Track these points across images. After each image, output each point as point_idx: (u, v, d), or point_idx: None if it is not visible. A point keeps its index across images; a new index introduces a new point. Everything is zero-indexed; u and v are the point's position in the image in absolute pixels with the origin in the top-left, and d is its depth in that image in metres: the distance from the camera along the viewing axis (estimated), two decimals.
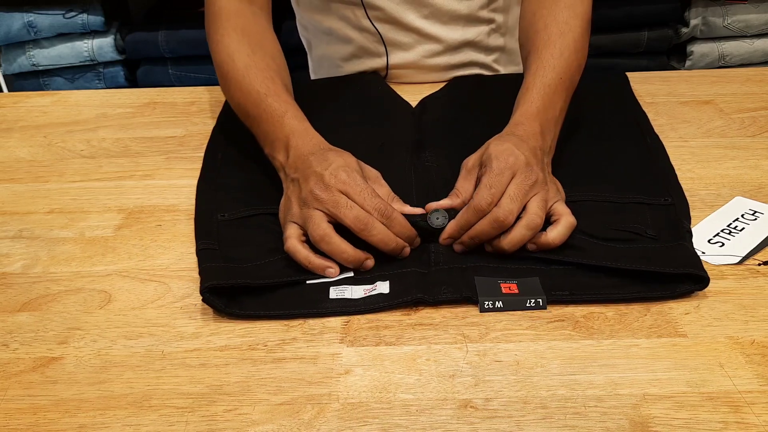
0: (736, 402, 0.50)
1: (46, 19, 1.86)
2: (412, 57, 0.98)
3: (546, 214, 0.63)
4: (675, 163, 0.77)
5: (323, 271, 0.62)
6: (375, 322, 0.59)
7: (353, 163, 0.66)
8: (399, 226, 0.63)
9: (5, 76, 1.97)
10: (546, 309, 0.59)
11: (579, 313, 0.59)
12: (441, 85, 0.97)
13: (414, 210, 0.66)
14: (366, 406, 0.51)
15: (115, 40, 1.91)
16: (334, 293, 0.61)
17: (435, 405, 0.51)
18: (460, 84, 0.97)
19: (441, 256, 0.64)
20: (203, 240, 0.67)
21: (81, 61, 1.93)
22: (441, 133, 0.84)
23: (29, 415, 0.51)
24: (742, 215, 0.70)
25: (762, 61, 1.93)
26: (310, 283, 0.62)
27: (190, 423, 0.50)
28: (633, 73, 0.98)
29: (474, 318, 0.59)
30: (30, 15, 1.86)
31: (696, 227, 0.68)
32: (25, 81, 1.97)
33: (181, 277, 0.65)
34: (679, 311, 0.58)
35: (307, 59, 1.12)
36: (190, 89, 1.03)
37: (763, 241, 0.66)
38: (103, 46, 1.91)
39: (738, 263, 0.64)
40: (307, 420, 0.50)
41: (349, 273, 0.63)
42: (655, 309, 0.59)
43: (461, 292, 0.60)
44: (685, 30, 1.89)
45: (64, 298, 0.63)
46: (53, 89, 1.94)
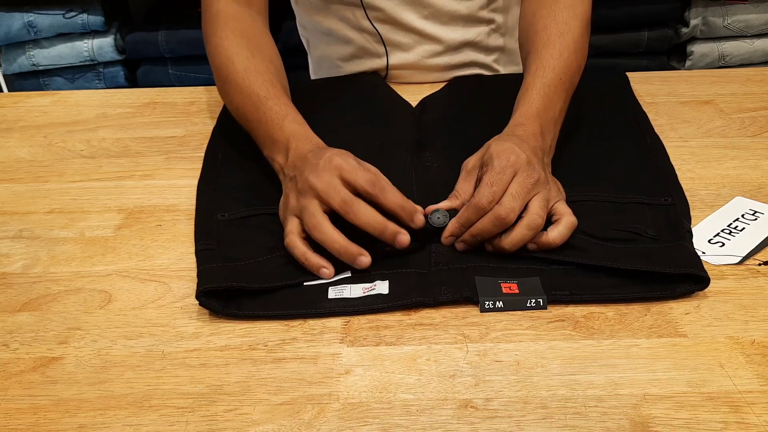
0: (737, 402, 0.50)
1: (46, 19, 1.86)
2: (412, 57, 0.98)
3: (547, 213, 0.63)
4: (675, 163, 0.77)
5: (318, 270, 0.62)
6: (375, 322, 0.59)
7: (350, 154, 0.66)
8: (392, 195, 0.62)
9: (5, 76, 1.97)
10: (546, 309, 0.59)
11: (579, 313, 0.59)
12: (441, 85, 0.97)
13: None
14: (366, 406, 0.51)
15: (115, 40, 1.91)
16: (333, 293, 0.61)
17: (435, 405, 0.51)
18: (460, 84, 0.97)
19: (441, 256, 0.64)
20: (202, 240, 0.67)
21: (81, 61, 1.93)
22: (441, 133, 0.84)
23: (29, 415, 0.51)
24: (743, 215, 0.70)
25: (762, 61, 1.93)
26: (307, 284, 0.62)
27: (190, 423, 0.50)
28: (633, 73, 0.98)
29: (474, 318, 0.59)
30: (30, 15, 1.86)
31: (696, 227, 0.68)
32: (25, 81, 1.98)
33: (181, 277, 0.65)
34: (680, 311, 0.58)
35: (307, 59, 1.13)
36: (190, 89, 1.02)
37: (763, 241, 0.66)
38: (103, 46, 1.91)
39: (738, 263, 0.64)
40: (307, 420, 0.50)
41: (347, 273, 0.63)
42: (655, 309, 0.59)
43: (461, 293, 0.60)
44: (685, 30, 1.89)
45: (64, 298, 0.63)
46: (53, 89, 1.94)
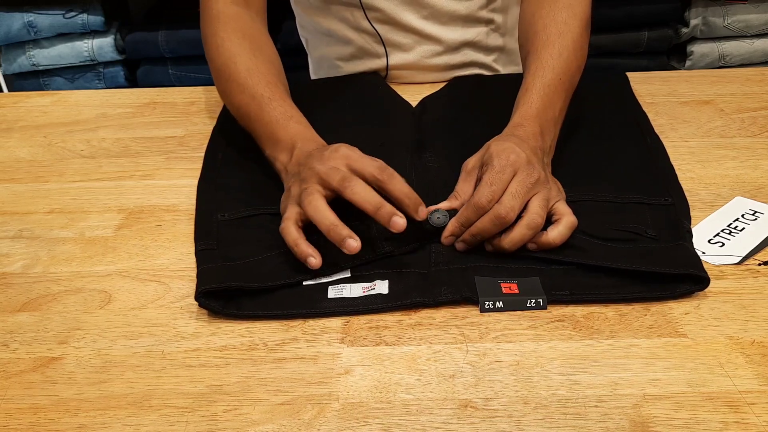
0: (736, 402, 0.50)
1: (46, 19, 1.86)
2: (412, 57, 0.98)
3: (547, 213, 0.63)
4: (675, 163, 0.77)
5: (305, 258, 0.60)
6: (375, 322, 0.59)
7: (355, 148, 0.66)
8: (399, 183, 0.62)
9: (5, 76, 1.97)
10: (546, 309, 0.59)
11: (579, 313, 0.59)
12: (441, 85, 0.97)
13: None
14: (366, 406, 0.51)
15: (115, 40, 1.91)
16: (333, 293, 0.61)
17: (435, 405, 0.51)
18: (460, 84, 0.97)
19: (441, 256, 0.64)
20: (202, 240, 0.67)
21: (81, 61, 1.93)
22: (441, 133, 0.84)
23: (29, 415, 0.51)
24: (742, 215, 0.70)
25: (762, 61, 1.93)
26: (307, 284, 0.62)
27: (190, 423, 0.50)
28: (633, 73, 0.98)
29: (474, 318, 0.59)
30: (30, 15, 1.86)
31: (696, 227, 0.68)
32: (25, 81, 1.98)
33: (181, 277, 0.65)
34: (679, 311, 0.58)
35: (307, 59, 1.13)
36: (190, 89, 1.02)
37: (763, 241, 0.66)
38: (103, 46, 1.91)
39: (738, 263, 0.64)
40: (307, 420, 0.50)
41: (346, 273, 0.63)
42: (655, 309, 0.59)
43: (461, 293, 0.60)
44: (685, 30, 1.89)
45: (64, 298, 0.63)
46: (53, 89, 1.94)
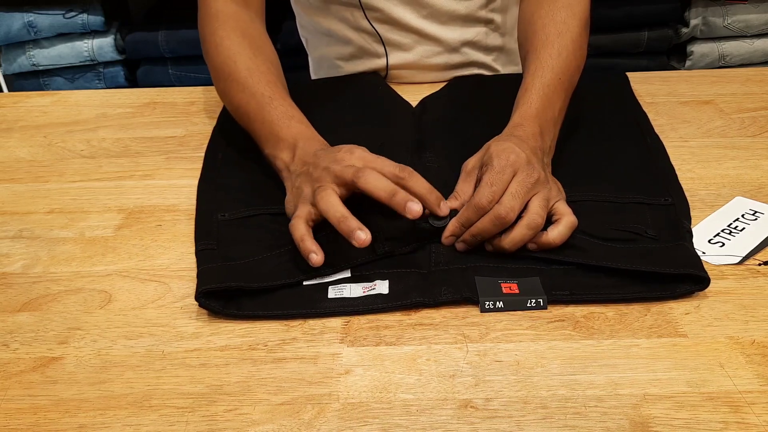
0: (737, 402, 0.50)
1: (46, 19, 1.86)
2: (412, 57, 0.98)
3: (547, 213, 0.63)
4: (675, 163, 0.77)
5: (307, 255, 0.60)
6: (375, 322, 0.59)
7: (364, 147, 0.67)
8: (420, 181, 0.63)
9: (5, 76, 1.97)
10: (546, 309, 0.59)
11: (579, 313, 0.59)
12: (441, 85, 0.97)
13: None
14: (366, 406, 0.51)
15: (115, 40, 1.91)
16: (333, 293, 0.61)
17: (435, 405, 0.51)
18: (460, 84, 0.97)
19: (441, 256, 0.64)
20: (202, 240, 0.67)
21: (81, 61, 1.93)
22: (441, 133, 0.84)
23: (29, 415, 0.51)
24: (743, 215, 0.70)
25: (762, 61, 1.93)
26: (307, 284, 0.62)
27: (190, 423, 0.50)
28: (633, 73, 0.98)
29: (474, 318, 0.59)
30: (30, 15, 1.86)
31: (696, 227, 0.68)
32: (25, 81, 1.98)
33: (181, 277, 0.65)
34: (679, 311, 0.58)
35: (307, 59, 1.13)
36: (190, 89, 1.02)
37: (763, 241, 0.66)
38: (103, 46, 1.91)
39: (738, 263, 0.64)
40: (307, 420, 0.50)
41: (346, 273, 0.63)
42: (655, 309, 0.59)
43: (461, 293, 0.60)
44: (685, 30, 1.89)
45: (64, 298, 0.63)
46: (53, 89, 1.94)
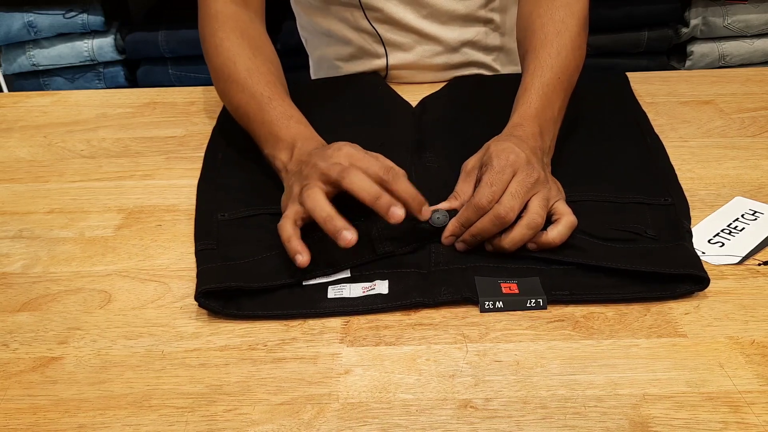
0: (736, 402, 0.50)
1: (46, 19, 1.86)
2: (412, 57, 0.98)
3: (547, 213, 0.63)
4: (675, 163, 0.77)
5: (293, 255, 0.60)
6: (375, 322, 0.59)
7: (357, 145, 0.66)
8: (404, 184, 0.62)
9: (5, 76, 1.97)
10: (546, 309, 0.59)
11: (579, 313, 0.59)
12: (441, 85, 0.97)
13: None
14: (366, 406, 0.51)
15: (115, 40, 1.91)
16: (333, 293, 0.61)
17: (435, 405, 0.51)
18: (460, 84, 0.97)
19: (441, 256, 0.64)
20: (202, 240, 0.67)
21: (81, 61, 1.93)
22: (441, 133, 0.84)
23: (29, 415, 0.51)
24: (742, 215, 0.70)
25: (762, 61, 1.93)
26: (306, 284, 0.62)
27: (190, 423, 0.50)
28: (633, 73, 0.98)
29: (474, 318, 0.59)
30: (30, 15, 1.86)
31: (696, 227, 0.68)
32: (25, 81, 1.97)
33: (181, 277, 0.65)
34: (679, 311, 0.58)
35: (307, 59, 1.13)
36: (190, 89, 1.02)
37: (763, 241, 0.66)
38: (103, 46, 1.91)
39: (738, 263, 0.64)
40: (307, 420, 0.50)
41: (346, 273, 0.63)
42: (655, 309, 0.59)
43: (461, 293, 0.60)
44: (685, 30, 1.89)
45: (64, 298, 0.63)
46: (53, 89, 1.94)
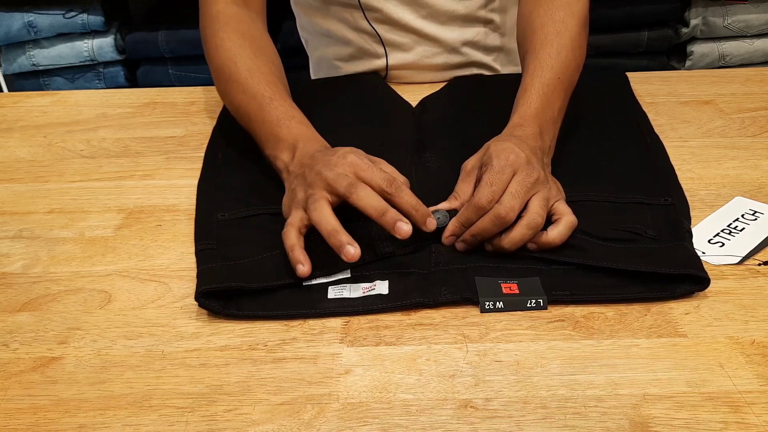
0: (736, 402, 0.50)
1: (46, 19, 1.86)
2: (412, 57, 0.98)
3: (547, 213, 0.63)
4: (675, 163, 0.77)
5: (295, 265, 0.60)
6: (375, 322, 0.59)
7: (360, 150, 0.66)
8: (407, 196, 0.62)
9: (5, 76, 1.97)
10: (546, 309, 0.59)
11: (579, 313, 0.59)
12: (441, 85, 0.97)
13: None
14: (366, 406, 0.51)
15: (115, 40, 1.91)
16: (333, 293, 0.61)
17: (435, 405, 0.51)
18: (460, 84, 0.97)
19: (441, 256, 0.64)
20: (202, 240, 0.67)
21: (81, 61, 1.93)
22: (441, 133, 0.84)
23: (29, 415, 0.51)
24: (742, 215, 0.70)
25: (762, 61, 1.93)
26: (307, 284, 0.62)
27: (190, 423, 0.50)
28: (633, 73, 0.98)
29: (474, 318, 0.59)
30: (30, 15, 1.86)
31: (696, 227, 0.68)
32: (25, 81, 1.97)
33: (181, 277, 0.65)
34: (679, 311, 0.58)
35: (307, 59, 1.13)
36: (190, 89, 1.02)
37: (763, 241, 0.66)
38: (103, 46, 1.91)
39: (738, 263, 0.64)
40: (307, 420, 0.50)
41: (346, 274, 0.63)
42: (655, 309, 0.59)
43: (462, 293, 0.59)
44: (685, 30, 1.89)
45: (64, 298, 0.63)
46: (53, 89, 1.94)
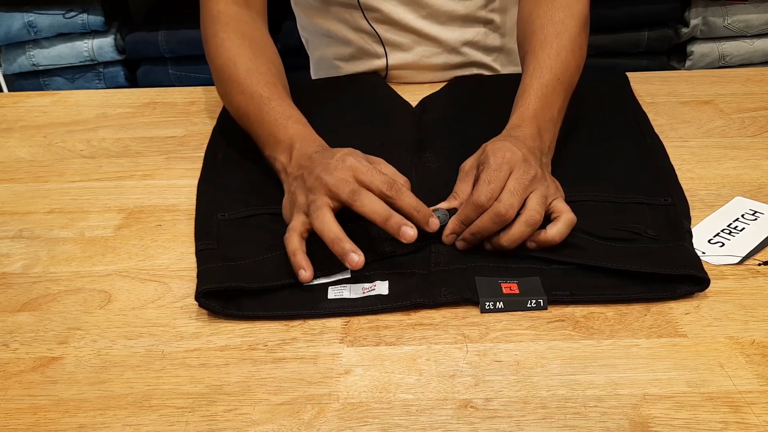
0: (736, 402, 0.50)
1: (46, 19, 1.86)
2: (412, 57, 0.98)
3: (546, 211, 0.63)
4: (675, 163, 0.77)
5: (297, 270, 0.61)
6: (375, 322, 0.59)
7: (358, 151, 0.66)
8: (408, 198, 0.62)
9: (5, 76, 1.97)
10: (547, 309, 0.59)
11: (579, 313, 0.59)
12: (441, 85, 0.97)
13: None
14: (366, 406, 0.51)
15: (115, 40, 1.91)
16: (333, 293, 0.61)
17: (435, 405, 0.51)
18: (460, 84, 0.97)
19: (441, 256, 0.64)
20: (202, 240, 0.67)
21: (81, 61, 1.93)
22: (441, 133, 0.84)
23: (29, 415, 0.51)
24: (742, 215, 0.70)
25: (762, 61, 1.93)
26: (307, 284, 0.62)
27: (190, 423, 0.50)
28: (633, 73, 0.98)
29: (474, 318, 0.59)
30: (30, 15, 1.86)
31: (696, 227, 0.68)
32: (25, 81, 1.97)
33: (181, 277, 0.65)
34: (679, 311, 0.58)
35: (307, 59, 1.12)
36: (190, 89, 1.02)
37: (763, 241, 0.66)
38: (103, 46, 1.91)
39: (738, 263, 0.64)
40: (307, 420, 0.50)
41: (346, 274, 0.63)
42: (655, 309, 0.59)
43: (462, 294, 0.59)
44: (685, 30, 1.89)
45: (64, 298, 0.63)
46: (53, 89, 1.94)
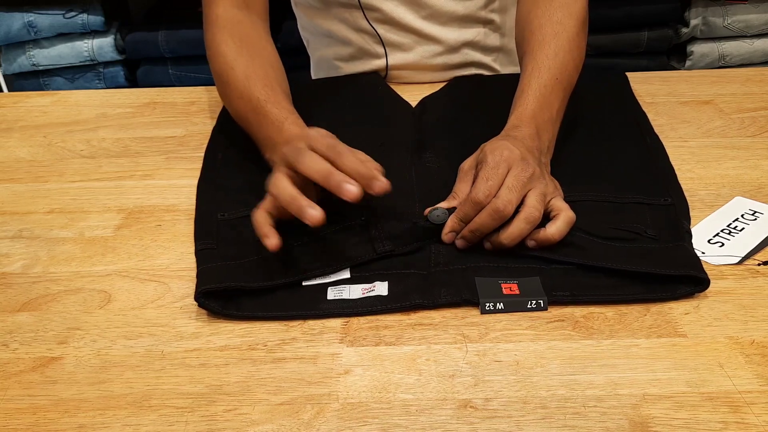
0: (736, 402, 0.50)
1: (46, 19, 1.86)
2: (412, 57, 0.98)
3: (545, 209, 0.63)
4: (675, 163, 0.77)
5: (262, 238, 0.59)
6: (375, 322, 0.59)
7: (330, 133, 0.65)
8: (349, 159, 0.61)
9: (5, 76, 1.97)
10: (547, 310, 0.59)
11: (579, 313, 0.59)
12: (441, 85, 0.97)
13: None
14: (366, 406, 0.51)
15: (115, 40, 1.91)
16: (332, 294, 0.61)
17: (435, 405, 0.51)
18: (460, 84, 0.97)
19: (441, 256, 0.64)
20: (202, 240, 0.67)
21: (81, 61, 1.93)
22: (441, 133, 0.84)
23: (29, 415, 0.51)
24: (742, 215, 0.70)
25: (762, 61, 1.93)
26: (306, 284, 0.62)
27: (190, 423, 0.50)
28: (633, 73, 0.98)
29: (474, 318, 0.59)
30: (30, 15, 1.86)
31: (696, 227, 0.68)
32: (25, 81, 1.98)
33: (181, 277, 0.65)
34: (679, 311, 0.58)
35: (307, 59, 1.13)
36: (190, 89, 1.03)
37: (763, 241, 0.66)
38: (103, 46, 1.91)
39: (738, 263, 0.64)
40: (306, 420, 0.50)
41: (345, 274, 0.63)
42: (655, 309, 0.59)
43: (461, 294, 0.59)
44: (685, 30, 1.89)
45: (64, 298, 0.63)
46: (53, 89, 1.94)
